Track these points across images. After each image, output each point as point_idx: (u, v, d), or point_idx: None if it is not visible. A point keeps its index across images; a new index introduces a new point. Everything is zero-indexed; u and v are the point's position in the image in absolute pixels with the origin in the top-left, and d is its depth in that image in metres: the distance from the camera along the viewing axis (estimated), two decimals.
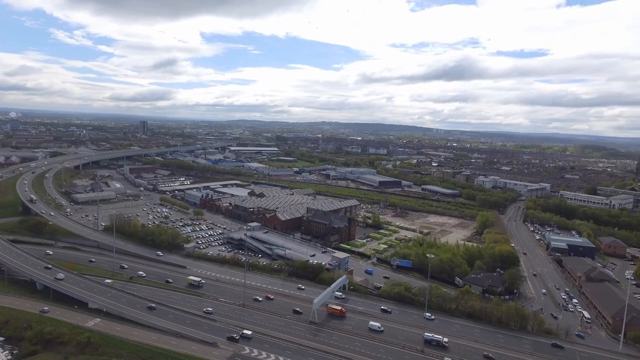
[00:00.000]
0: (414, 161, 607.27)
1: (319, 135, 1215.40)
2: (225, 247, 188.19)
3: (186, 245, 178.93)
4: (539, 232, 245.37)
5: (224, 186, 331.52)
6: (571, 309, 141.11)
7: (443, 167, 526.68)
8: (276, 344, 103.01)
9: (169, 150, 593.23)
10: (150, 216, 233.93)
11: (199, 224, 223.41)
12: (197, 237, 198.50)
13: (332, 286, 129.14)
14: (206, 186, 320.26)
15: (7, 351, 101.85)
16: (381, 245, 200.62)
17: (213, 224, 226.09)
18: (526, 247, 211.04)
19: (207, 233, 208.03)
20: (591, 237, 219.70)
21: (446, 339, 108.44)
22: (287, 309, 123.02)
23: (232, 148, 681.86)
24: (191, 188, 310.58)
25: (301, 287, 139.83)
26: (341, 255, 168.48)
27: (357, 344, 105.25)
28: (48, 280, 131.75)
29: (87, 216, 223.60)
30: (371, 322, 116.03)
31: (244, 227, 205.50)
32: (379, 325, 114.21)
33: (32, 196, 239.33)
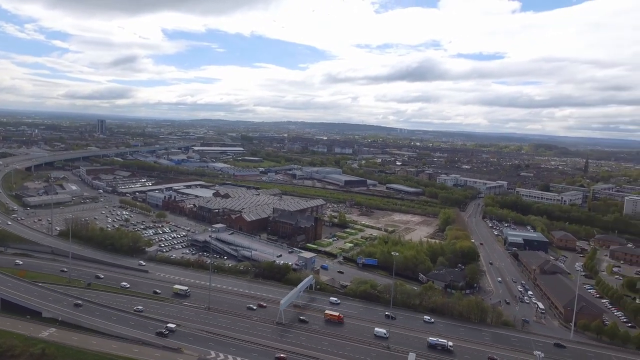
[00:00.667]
0: (379, 160, 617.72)
1: (285, 135, 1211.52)
2: (189, 250, 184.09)
3: (148, 248, 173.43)
4: (497, 228, 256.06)
5: (188, 187, 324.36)
6: (527, 301, 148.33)
7: (407, 166, 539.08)
8: (242, 347, 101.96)
9: (130, 150, 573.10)
10: (109, 219, 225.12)
11: (162, 227, 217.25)
12: (160, 240, 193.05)
13: (299, 286, 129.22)
14: (169, 187, 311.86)
15: None
16: (347, 244, 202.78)
17: (176, 226, 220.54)
18: (485, 243, 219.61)
19: (170, 236, 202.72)
20: (544, 232, 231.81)
21: (451, 343, 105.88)
22: (254, 311, 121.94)
23: (196, 148, 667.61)
24: (153, 189, 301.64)
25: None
26: (308, 255, 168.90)
27: (325, 344, 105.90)
28: None
29: (40, 220, 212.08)
30: (376, 329, 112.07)
31: (209, 229, 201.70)
32: (385, 331, 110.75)
33: None
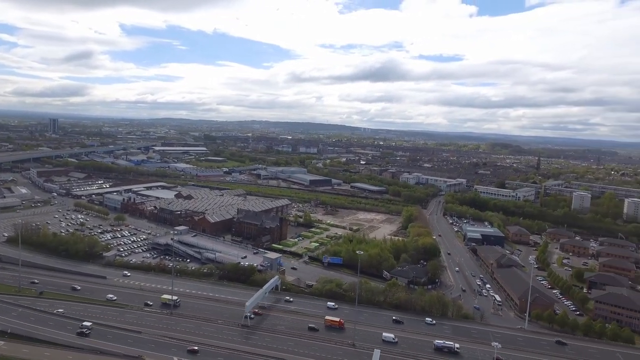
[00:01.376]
0: (344, 160, 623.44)
1: (249, 134, 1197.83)
2: (150, 254, 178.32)
3: (106, 253, 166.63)
4: (457, 224, 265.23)
5: (148, 189, 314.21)
6: (485, 294, 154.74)
7: (371, 165, 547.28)
8: (207, 352, 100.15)
9: (85, 150, 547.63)
10: (63, 224, 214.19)
11: (121, 230, 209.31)
12: (119, 245, 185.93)
13: (265, 287, 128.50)
14: (128, 189, 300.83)
15: None
16: (313, 243, 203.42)
17: (136, 230, 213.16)
18: (446, 238, 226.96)
19: (130, 239, 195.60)
20: (501, 227, 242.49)
21: (457, 345, 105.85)
22: (219, 314, 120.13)
23: (157, 148, 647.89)
24: (111, 191, 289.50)
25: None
26: (273, 255, 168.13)
27: (291, 344, 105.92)
28: None
29: None
30: (384, 334, 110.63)
31: (171, 232, 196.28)
32: (393, 336, 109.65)
33: None
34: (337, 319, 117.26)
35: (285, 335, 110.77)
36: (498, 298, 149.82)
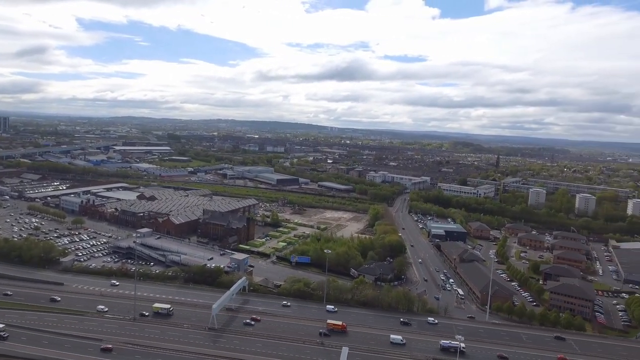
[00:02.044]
0: (311, 158, 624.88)
1: (215, 133, 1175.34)
2: (111, 258, 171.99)
3: (63, 259, 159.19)
4: (422, 221, 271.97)
5: (109, 190, 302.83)
6: (448, 288, 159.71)
7: (338, 164, 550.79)
8: (171, 357, 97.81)
9: (39, 150, 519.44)
10: (15, 228, 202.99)
11: (79, 234, 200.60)
12: (77, 249, 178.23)
13: (232, 289, 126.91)
14: (87, 191, 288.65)
15: None
16: (280, 243, 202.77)
17: (96, 233, 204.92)
18: (411, 235, 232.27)
19: (89, 243, 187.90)
20: (463, 223, 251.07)
21: (463, 345, 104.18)
22: (186, 318, 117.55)
23: (118, 147, 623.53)
24: (68, 193, 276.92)
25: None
26: (240, 256, 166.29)
27: (259, 345, 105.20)
28: None
29: None
30: (392, 336, 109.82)
31: (133, 234, 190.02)
32: (401, 338, 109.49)
33: None
34: (340, 323, 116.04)
35: (256, 337, 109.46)
36: (461, 292, 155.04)
